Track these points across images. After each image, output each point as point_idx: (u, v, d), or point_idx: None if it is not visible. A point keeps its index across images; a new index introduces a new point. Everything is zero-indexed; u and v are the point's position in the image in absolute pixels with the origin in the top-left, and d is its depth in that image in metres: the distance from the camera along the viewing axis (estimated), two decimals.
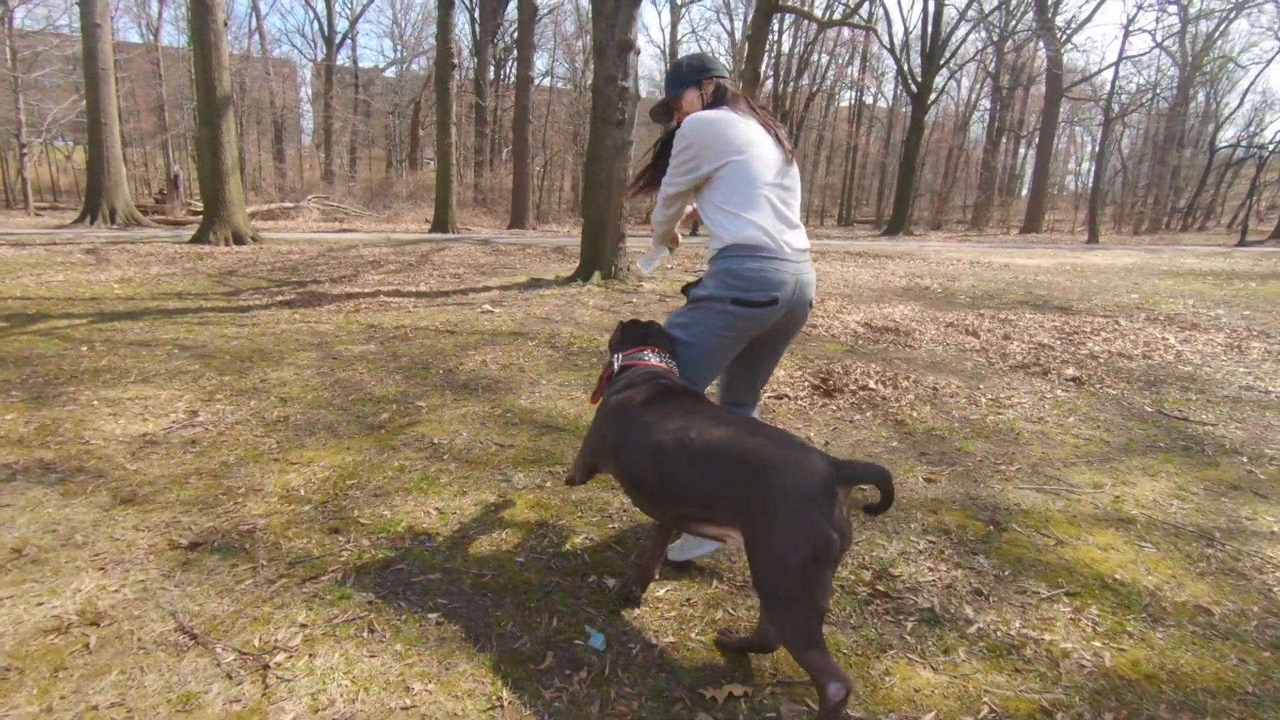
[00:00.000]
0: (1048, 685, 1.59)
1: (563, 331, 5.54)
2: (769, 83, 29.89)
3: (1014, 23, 28.68)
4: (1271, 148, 29.03)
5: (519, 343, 5.13)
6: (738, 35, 34.81)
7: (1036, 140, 32.66)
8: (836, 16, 24.71)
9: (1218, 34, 30.69)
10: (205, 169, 11.77)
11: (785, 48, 30.99)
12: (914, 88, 24.95)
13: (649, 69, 42.49)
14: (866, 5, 24.69)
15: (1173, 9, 28.48)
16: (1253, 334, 6.22)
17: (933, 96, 25.59)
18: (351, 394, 3.74)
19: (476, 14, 28.44)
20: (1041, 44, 27.79)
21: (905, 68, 25.41)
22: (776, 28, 27.48)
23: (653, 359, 1.92)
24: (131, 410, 3.36)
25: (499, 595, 1.90)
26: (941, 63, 25.12)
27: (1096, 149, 30.74)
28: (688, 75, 2.08)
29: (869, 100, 38.07)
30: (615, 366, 1.95)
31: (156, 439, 3.01)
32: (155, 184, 26.48)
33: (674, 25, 32.46)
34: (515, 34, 32.18)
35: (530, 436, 3.17)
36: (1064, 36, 26.96)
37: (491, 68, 30.24)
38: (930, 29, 24.23)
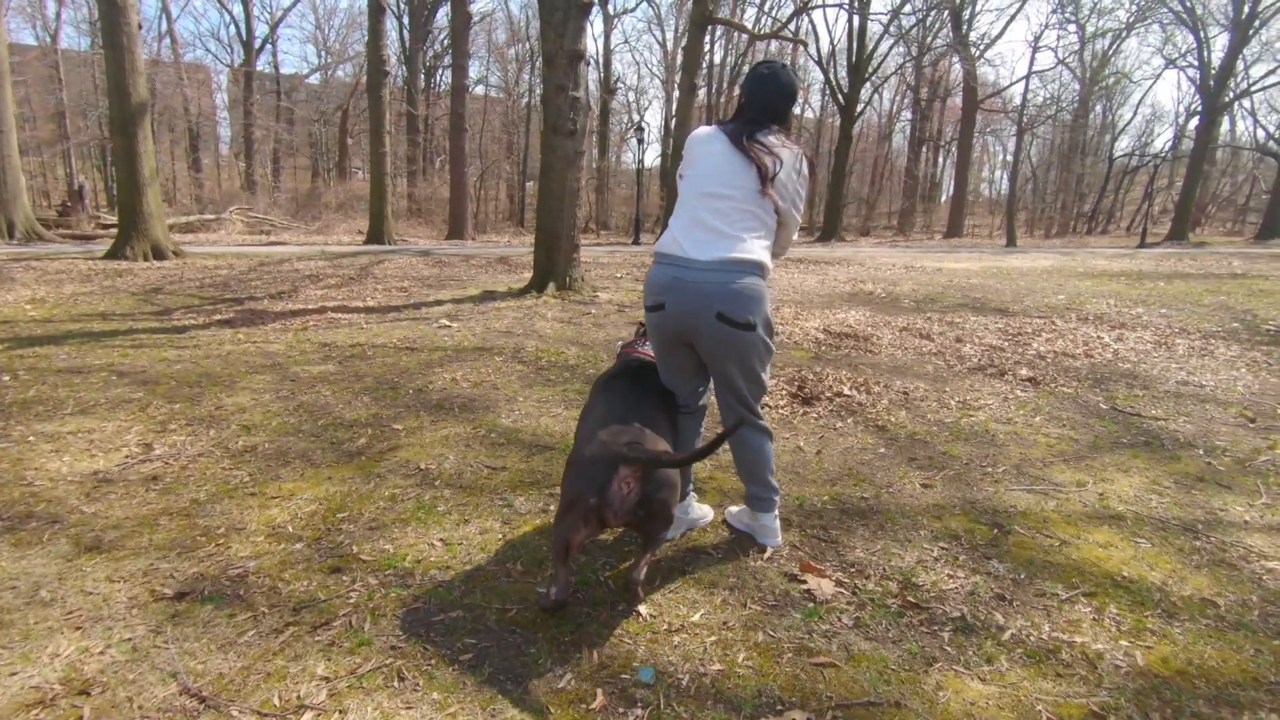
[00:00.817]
0: (1091, 688, 1.62)
1: (527, 346, 5.42)
2: (701, 93, 30.33)
3: (931, 38, 30.11)
4: (1162, 156, 31.42)
5: (485, 358, 4.99)
6: (669, 45, 35.29)
7: (955, 150, 34.33)
8: (766, 29, 25.39)
9: (1112, 52, 33.07)
10: (121, 179, 11.02)
11: (717, 59, 31.59)
12: (842, 99, 25.83)
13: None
14: (794, 19, 25.48)
15: (1072, 28, 30.55)
16: (1174, 331, 6.67)
17: (860, 108, 26.54)
18: (320, 419, 3.54)
19: (406, 21, 27.80)
20: (957, 59, 29.25)
21: (833, 81, 26.29)
22: (708, 40, 27.94)
23: (643, 349, 2.39)
24: (76, 445, 3.07)
25: (529, 630, 1.81)
26: (867, 76, 26.11)
27: (1009, 158, 32.58)
28: None
29: (797, 111, 39.17)
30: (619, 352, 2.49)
31: (111, 477, 2.76)
32: (56, 195, 24.63)
33: (607, 35, 32.60)
34: (446, 41, 31.66)
35: (521, 457, 3.06)
36: (978, 52, 28.47)
37: (422, 76, 29.61)
38: (855, 44, 25.16)
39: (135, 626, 1.79)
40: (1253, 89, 29.23)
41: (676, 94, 34.31)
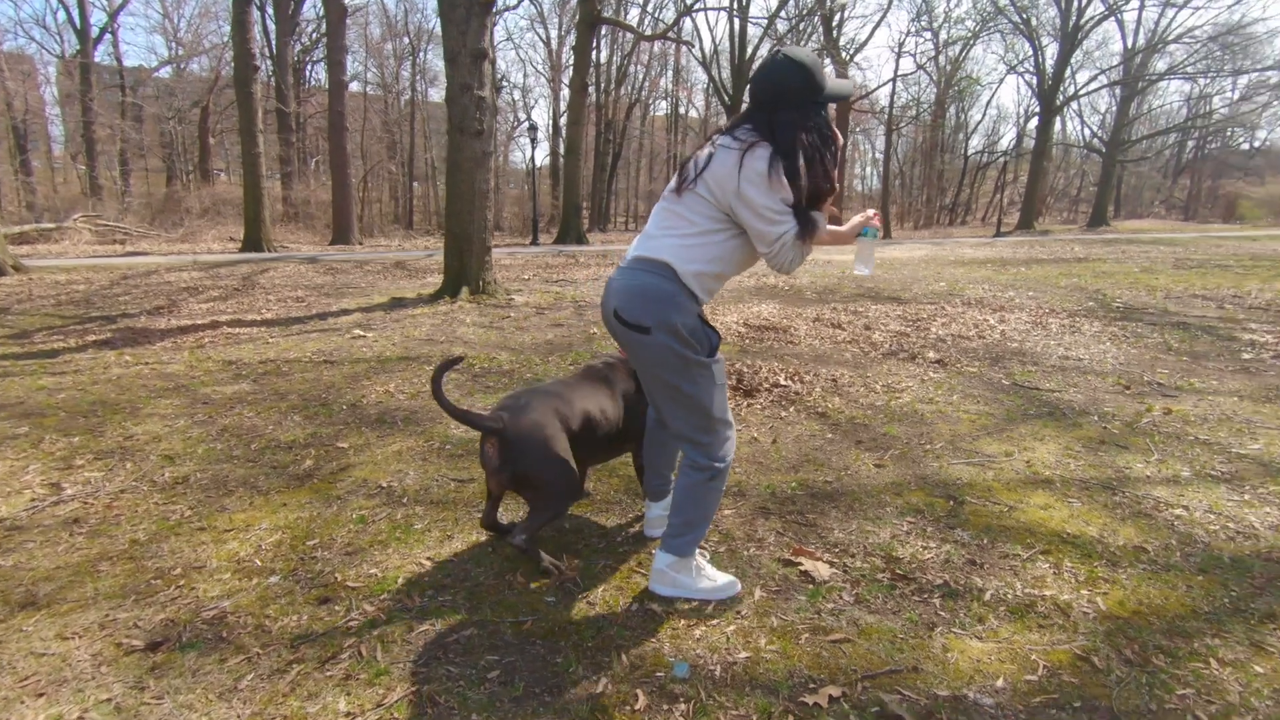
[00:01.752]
0: (1071, 635, 1.81)
1: (455, 353, 5.26)
2: (590, 91, 30.38)
3: (804, 42, 31.69)
4: (1009, 154, 34.73)
5: (413, 368, 4.80)
6: (554, 43, 35.08)
7: None
8: (649, 30, 25.79)
9: (962, 58, 36.16)
10: None
11: (603, 58, 31.72)
12: (727, 99, 26.69)
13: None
14: (677, 21, 26.03)
15: (928, 35, 33.13)
16: (1045, 311, 7.42)
17: (744, 108, 27.53)
18: (251, 442, 3.29)
19: (270, 11, 25.96)
20: (829, 62, 30.96)
21: (718, 81, 27.10)
22: (594, 39, 28.02)
23: None
24: None
25: (550, 640, 1.79)
26: (750, 78, 27.11)
27: (879, 155, 34.92)
28: None
29: (683, 111, 40.08)
30: None
31: (21, 523, 2.44)
32: None
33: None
34: (315, 35, 29.87)
35: None
36: (848, 56, 30.27)
37: (291, 72, 27.76)
38: (737, 46, 26.06)
39: (110, 685, 1.61)
40: (1079, 93, 32.91)
41: (565, 93, 34.12)
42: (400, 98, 34.14)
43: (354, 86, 31.88)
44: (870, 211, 2.06)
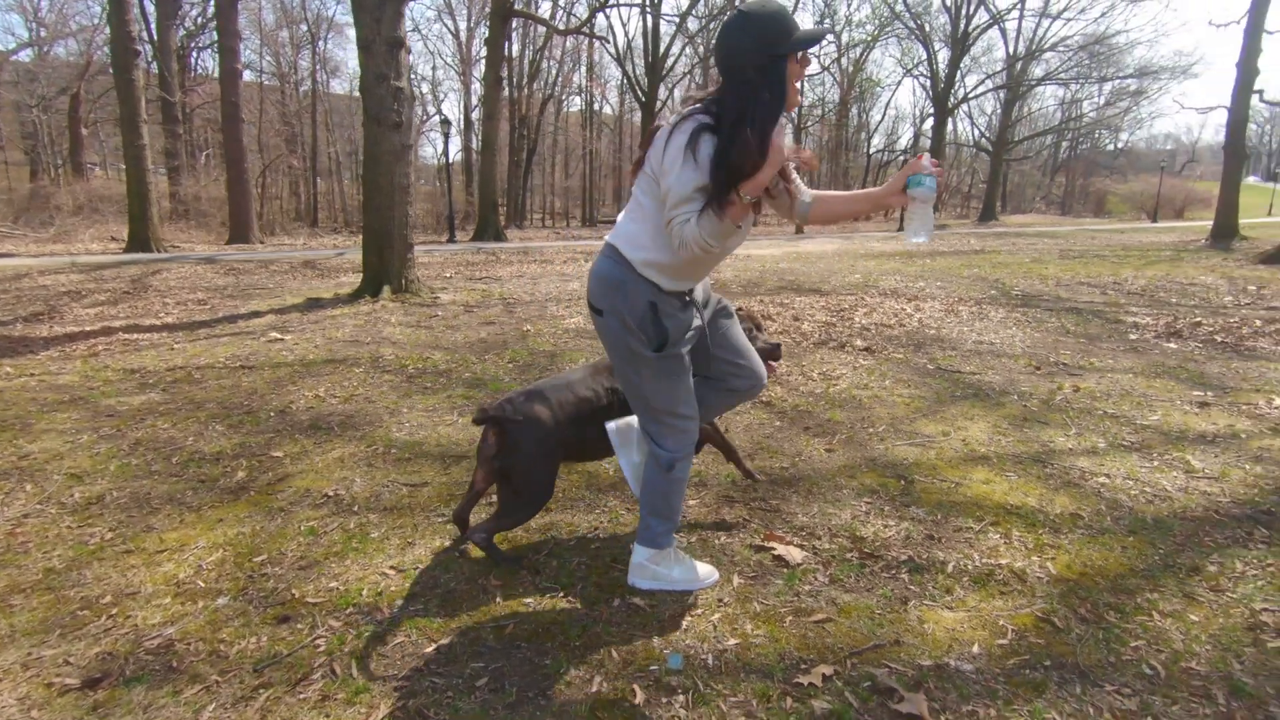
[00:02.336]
0: (1030, 599, 1.93)
1: (385, 354, 5.04)
2: (504, 85, 29.83)
3: (712, 41, 32.30)
4: (907, 153, 36.63)
5: (342, 371, 4.56)
6: (463, 36, 34.20)
7: None
8: (563, 24, 25.54)
9: (863, 60, 37.84)
10: None
11: (515, 51, 31.18)
12: (642, 96, 26.82)
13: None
14: (591, 17, 25.90)
15: (830, 38, 34.44)
16: (955, 300, 7.87)
17: (659, 106, 27.74)
18: (172, 455, 3.03)
19: None
20: None
21: (632, 78, 27.19)
22: (507, 32, 27.49)
23: None
24: None
25: (536, 643, 1.74)
26: (663, 75, 27.35)
27: None
28: None
29: (597, 107, 40.01)
30: None
31: None
32: None
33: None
34: (201, 20, 27.89)
35: (437, 470, 2.87)
36: None
37: (175, 58, 25.77)
38: (651, 43, 26.23)
39: None
40: (969, 96, 35.13)
41: (476, 86, 33.30)
42: (299, 88, 32.37)
43: (247, 75, 29.99)
44: (925, 158, 1.70)
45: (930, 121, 34.04)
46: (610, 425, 2.05)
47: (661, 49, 26.55)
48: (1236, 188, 16.24)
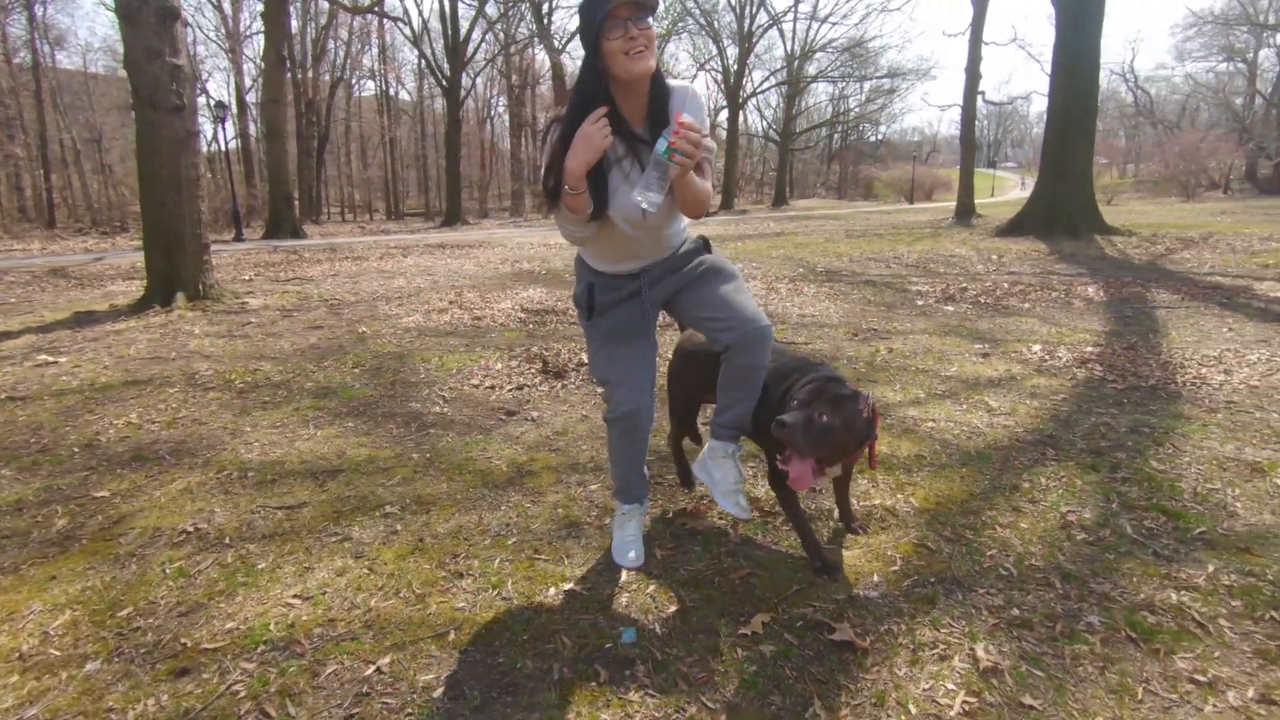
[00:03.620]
0: (906, 529, 2.24)
1: (200, 369, 4.45)
2: (286, 66, 27.05)
3: (514, 29, 31.85)
4: None
5: (151, 393, 3.97)
6: (228, 7, 30.45)
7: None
8: (350, 2, 23.71)
9: (660, 53, 39.36)
10: None
11: (294, 28, 28.37)
12: (444, 82, 25.75)
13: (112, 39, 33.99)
14: None
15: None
16: (773, 279, 8.60)
17: (464, 93, 26.83)
18: None
19: None
20: (543, 49, 31.53)
21: (432, 62, 25.97)
22: (287, 6, 24.88)
23: None
24: None
25: (485, 645, 1.70)
26: (465, 61, 26.44)
27: None
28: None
29: (393, 92, 37.72)
30: None
31: None
32: None
33: None
34: None
35: (311, 489, 2.64)
36: (560, 44, 31.10)
37: None
38: (450, 27, 25.21)
39: None
40: (757, 91, 38.07)
41: (248, 66, 29.90)
42: (12, 61, 26.83)
43: None
44: (683, 116, 1.55)
45: (724, 114, 36.44)
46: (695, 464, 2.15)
47: (462, 34, 25.62)
48: (971, 174, 19.35)
